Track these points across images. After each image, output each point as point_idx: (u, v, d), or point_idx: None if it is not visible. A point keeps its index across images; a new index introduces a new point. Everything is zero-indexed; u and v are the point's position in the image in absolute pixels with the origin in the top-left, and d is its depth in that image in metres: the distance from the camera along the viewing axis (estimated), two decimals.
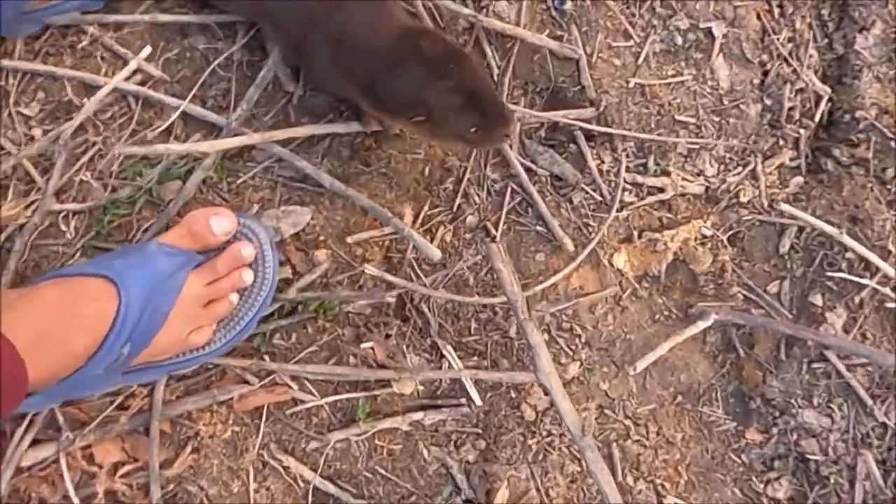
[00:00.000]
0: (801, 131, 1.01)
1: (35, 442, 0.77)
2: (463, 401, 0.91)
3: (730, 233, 1.02)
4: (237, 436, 0.84)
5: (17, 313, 0.66)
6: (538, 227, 0.98)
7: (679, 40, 1.01)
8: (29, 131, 0.83)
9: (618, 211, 0.99)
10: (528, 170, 0.97)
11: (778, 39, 1.01)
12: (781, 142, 1.02)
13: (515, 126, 0.75)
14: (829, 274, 0.99)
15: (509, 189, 0.97)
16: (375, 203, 0.88)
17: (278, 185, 0.89)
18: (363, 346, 0.88)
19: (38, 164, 0.83)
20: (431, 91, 0.71)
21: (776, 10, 1.02)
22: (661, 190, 1.00)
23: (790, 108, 1.01)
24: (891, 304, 0.98)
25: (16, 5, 0.76)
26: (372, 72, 0.73)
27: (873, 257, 0.94)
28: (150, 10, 0.88)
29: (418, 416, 0.89)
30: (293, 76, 0.90)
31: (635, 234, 1.00)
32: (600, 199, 0.99)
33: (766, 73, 1.02)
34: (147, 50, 0.84)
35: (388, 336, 0.90)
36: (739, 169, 1.01)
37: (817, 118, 1.03)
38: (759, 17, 1.02)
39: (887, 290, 0.99)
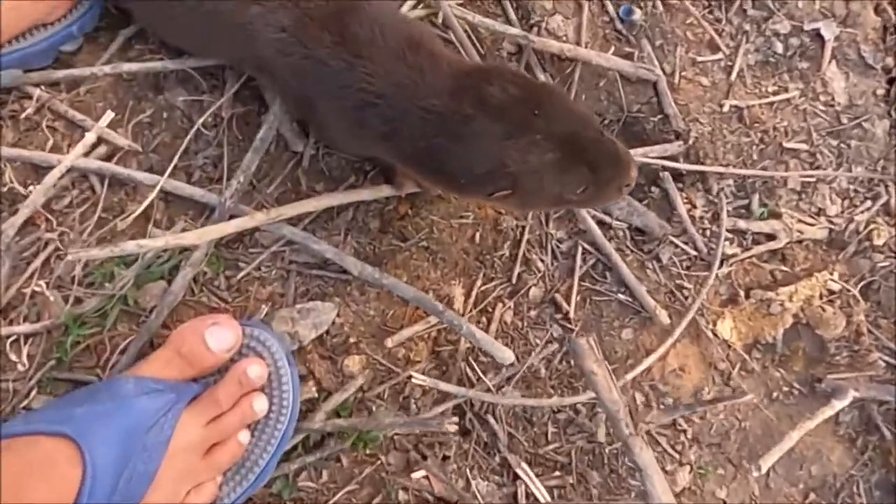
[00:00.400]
0: None
1: None
2: None
3: (862, 283, 0.81)
4: None
5: None
6: (621, 295, 0.78)
7: (779, 48, 0.81)
8: None
9: (719, 267, 0.78)
10: (600, 223, 0.78)
11: None
12: None
13: (636, 171, 0.54)
14: None
15: (580, 249, 0.78)
16: (418, 289, 0.68)
17: (291, 275, 0.69)
18: (415, 476, 0.68)
19: None
20: (513, 153, 0.51)
21: None
22: (772, 237, 0.81)
23: None
24: None
25: None
26: (424, 140, 0.53)
27: None
28: (113, 61, 0.69)
29: None
30: (300, 132, 0.70)
31: (741, 293, 0.81)
32: (695, 253, 0.79)
33: (892, 81, 0.83)
34: (109, 115, 0.64)
35: (445, 458, 0.70)
36: (868, 203, 0.82)
37: None
38: (877, 12, 0.82)
39: None
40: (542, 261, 0.78)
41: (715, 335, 0.80)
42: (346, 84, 0.54)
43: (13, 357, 0.62)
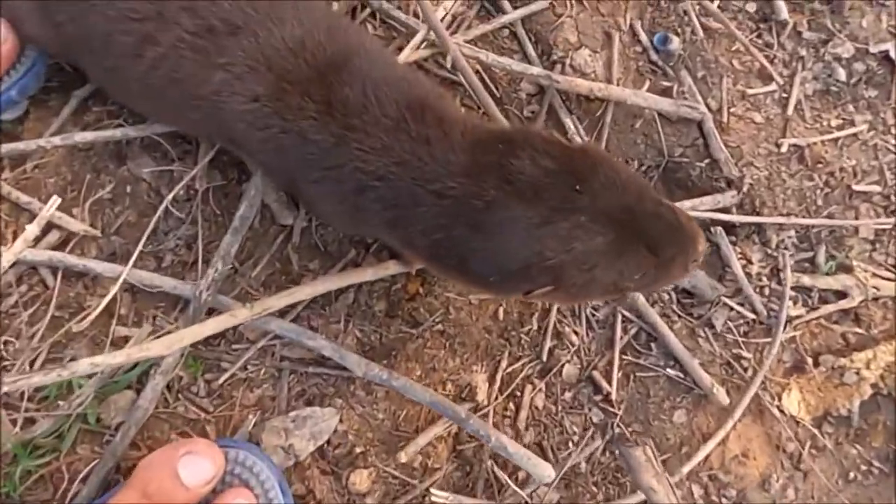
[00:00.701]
0: None
1: None
2: None
3: None
4: None
5: None
6: (669, 370, 0.68)
7: (842, 75, 0.72)
8: None
9: (784, 332, 0.67)
10: None
11: None
12: None
13: (704, 244, 0.44)
14: None
15: (619, 317, 0.68)
16: (434, 383, 0.57)
17: (284, 374, 0.58)
18: None
19: None
20: (553, 242, 0.40)
21: None
22: (843, 294, 0.72)
23: None
24: None
25: None
26: (440, 230, 0.42)
27: None
28: (66, 129, 0.58)
29: None
30: (289, 202, 0.60)
31: (809, 361, 0.70)
32: (754, 317, 0.70)
33: None
34: (56, 200, 0.53)
35: None
36: None
37: None
38: None
39: None
40: (576, 333, 0.67)
41: (781, 411, 0.69)
42: (335, 163, 0.43)
43: None
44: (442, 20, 0.66)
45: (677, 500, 0.52)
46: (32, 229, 0.52)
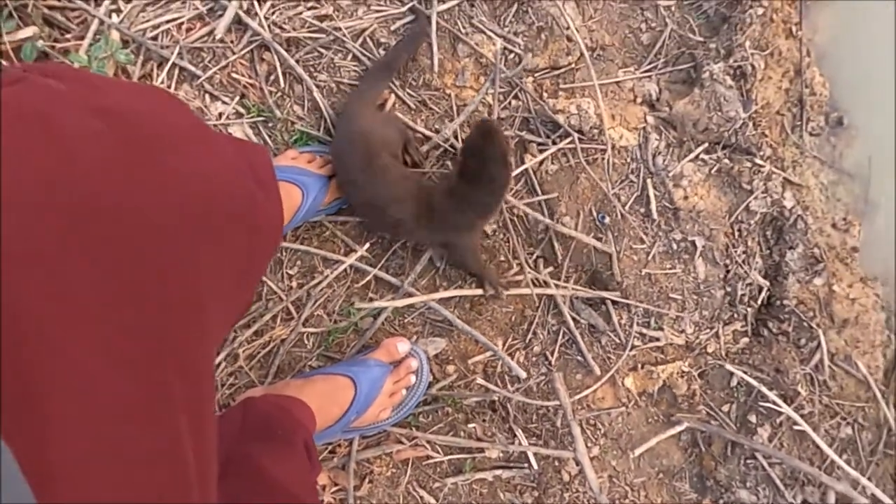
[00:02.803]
0: (748, 309, 1.60)
1: None
2: (526, 465, 1.48)
3: (699, 370, 1.59)
4: (394, 475, 1.40)
5: (308, 394, 1.23)
6: (578, 358, 1.56)
7: (675, 246, 1.61)
8: (290, 283, 1.43)
9: (629, 350, 1.57)
10: (574, 320, 1.56)
11: (736, 251, 1.61)
12: (735, 315, 1.61)
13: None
14: (760, 403, 1.57)
15: (561, 331, 1.56)
16: (487, 339, 1.47)
17: (427, 324, 1.48)
18: (470, 426, 1.46)
19: (294, 304, 1.42)
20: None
21: (736, 233, 1.62)
22: (657, 339, 1.59)
23: (742, 294, 1.60)
24: (798, 427, 1.55)
25: (314, 208, 1.37)
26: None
27: (780, 402, 1.52)
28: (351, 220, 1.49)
29: (499, 472, 1.46)
30: (439, 256, 1.50)
31: (639, 366, 1.58)
32: (618, 342, 1.57)
33: (728, 272, 1.62)
34: (367, 246, 1.44)
35: (484, 420, 1.47)
36: (708, 330, 1.60)
37: (759, 302, 1.61)
38: (725, 236, 1.62)
39: (797, 417, 1.56)
40: (542, 334, 1.56)
41: (623, 385, 1.58)
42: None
43: (305, 343, 1.41)
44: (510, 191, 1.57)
45: (568, 397, 1.40)
46: (359, 252, 1.42)
